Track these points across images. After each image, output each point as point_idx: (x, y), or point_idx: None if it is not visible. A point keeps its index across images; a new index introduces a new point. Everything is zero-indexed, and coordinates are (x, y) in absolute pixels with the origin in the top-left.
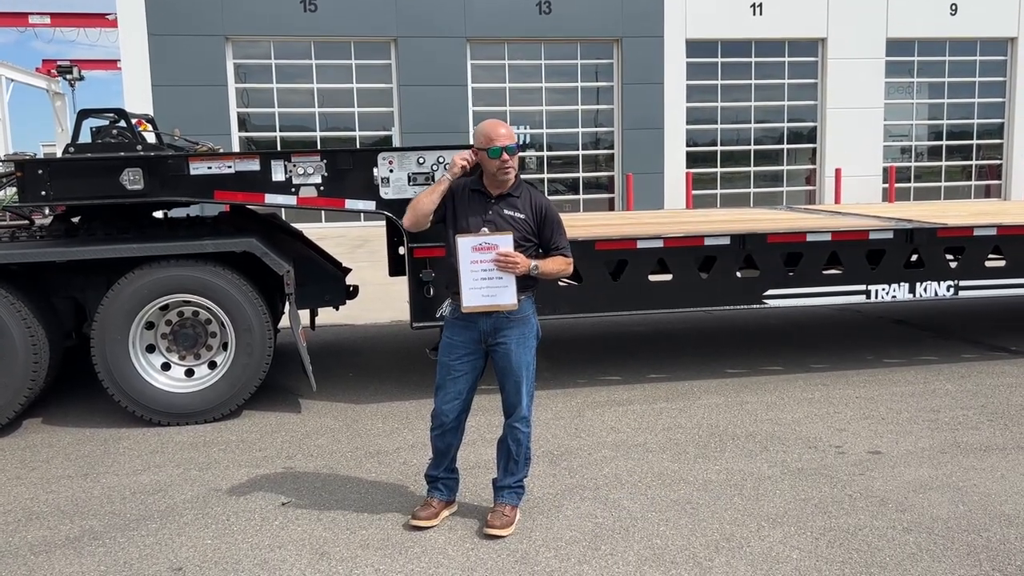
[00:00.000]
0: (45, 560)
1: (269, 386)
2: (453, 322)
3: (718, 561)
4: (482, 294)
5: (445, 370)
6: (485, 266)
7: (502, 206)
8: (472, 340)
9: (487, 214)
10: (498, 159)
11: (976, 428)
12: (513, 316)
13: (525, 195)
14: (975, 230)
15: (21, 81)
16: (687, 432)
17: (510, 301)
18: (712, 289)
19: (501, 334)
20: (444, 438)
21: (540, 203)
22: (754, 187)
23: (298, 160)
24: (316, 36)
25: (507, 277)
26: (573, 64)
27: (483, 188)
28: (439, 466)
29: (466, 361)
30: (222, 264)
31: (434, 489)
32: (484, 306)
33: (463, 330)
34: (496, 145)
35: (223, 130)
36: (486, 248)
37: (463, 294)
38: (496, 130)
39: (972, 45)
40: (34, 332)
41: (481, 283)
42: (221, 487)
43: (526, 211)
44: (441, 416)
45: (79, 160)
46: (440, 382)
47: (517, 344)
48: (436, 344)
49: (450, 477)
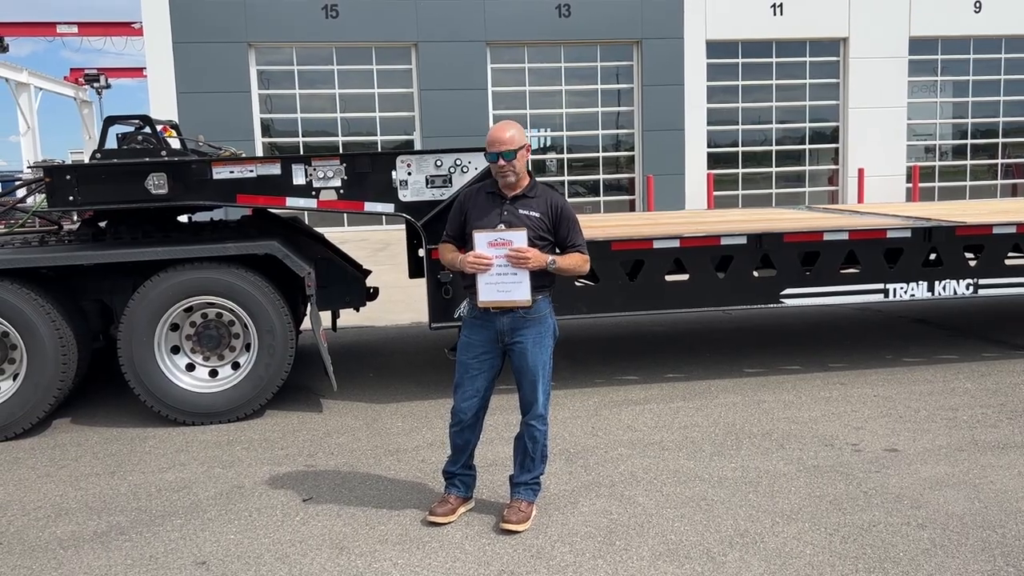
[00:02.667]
0: (74, 554)
1: (291, 386)
2: (471, 321)
3: (732, 556)
4: (497, 290)
5: (463, 368)
6: (500, 262)
7: (517, 206)
8: (489, 339)
9: (502, 214)
10: (495, 164)
11: (995, 426)
12: (530, 315)
13: (541, 195)
14: (994, 228)
15: (50, 90)
16: (703, 430)
17: (524, 297)
18: (729, 289)
19: (518, 333)
20: (462, 435)
21: (555, 202)
22: (776, 188)
23: (318, 164)
24: (338, 42)
25: (521, 273)
26: (593, 66)
27: (498, 190)
28: (456, 462)
29: (484, 360)
30: (245, 267)
31: (451, 485)
32: (499, 301)
33: (481, 329)
34: (492, 151)
35: (247, 136)
36: (501, 244)
37: (479, 289)
38: (497, 135)
39: (997, 43)
40: (63, 334)
41: (496, 279)
42: (244, 484)
43: (541, 210)
44: (459, 413)
45: (105, 166)
46: (458, 380)
47: (534, 343)
48: (455, 344)
49: (467, 474)
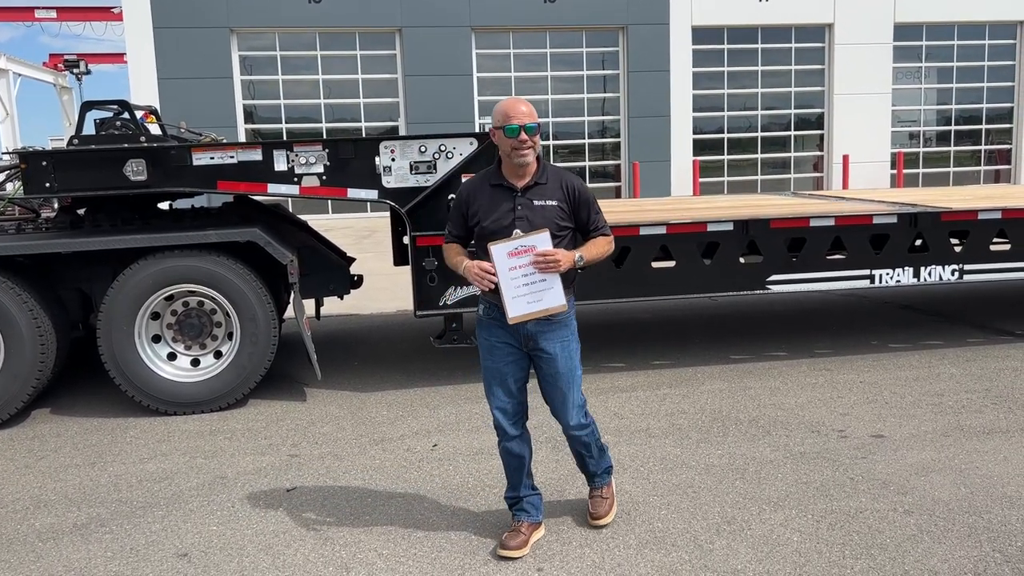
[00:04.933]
0: (53, 547)
1: (275, 375)
2: (489, 323)
3: (719, 544)
4: (527, 301)
5: (489, 374)
6: (525, 271)
7: (530, 196)
8: (511, 336)
9: (516, 209)
10: (514, 138)
11: (980, 411)
12: (553, 318)
13: (553, 178)
14: (979, 214)
15: (29, 76)
16: (690, 417)
17: (559, 303)
18: (715, 275)
19: (543, 339)
20: (511, 449)
21: (571, 183)
22: (762, 174)
23: (300, 150)
24: (321, 27)
25: (551, 278)
26: (579, 52)
27: (504, 182)
28: (516, 485)
29: (512, 361)
30: (226, 254)
31: (519, 512)
32: (532, 314)
33: (500, 328)
34: (514, 123)
35: (229, 122)
36: (523, 251)
37: (507, 305)
38: (516, 107)
39: (981, 29)
40: (41, 323)
41: (523, 289)
42: (227, 474)
43: (557, 196)
44: (500, 424)
45: (83, 152)
46: (487, 387)
47: (562, 348)
48: (441, 333)
49: (532, 494)
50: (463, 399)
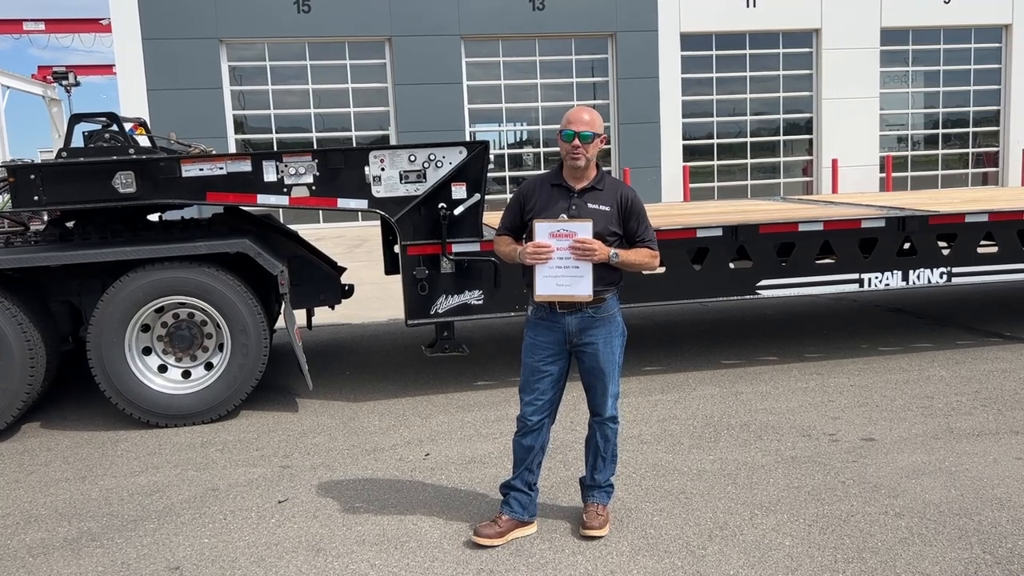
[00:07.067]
0: (43, 562)
1: (266, 386)
2: (537, 322)
3: (711, 549)
4: (556, 283)
5: (528, 371)
6: (561, 254)
7: (586, 199)
8: (557, 341)
9: (570, 208)
10: (568, 143)
11: (970, 414)
12: (599, 314)
13: (610, 187)
14: (967, 217)
15: (17, 88)
16: (682, 423)
17: (585, 292)
18: (706, 281)
19: (588, 334)
20: (524, 440)
21: (625, 194)
22: (751, 179)
23: (289, 160)
24: (310, 37)
25: (584, 267)
26: (568, 60)
27: (563, 182)
28: (515, 476)
29: (550, 362)
30: (216, 266)
31: (505, 503)
32: (558, 295)
33: (547, 331)
34: (571, 129)
35: (219, 133)
36: (564, 235)
37: (536, 282)
38: (579, 115)
39: (967, 33)
40: (30, 336)
41: (556, 271)
42: (218, 487)
43: (611, 203)
44: (524, 419)
45: (71, 164)
46: (524, 384)
47: (604, 343)
48: (432, 341)
49: (525, 492)
50: (455, 408)
